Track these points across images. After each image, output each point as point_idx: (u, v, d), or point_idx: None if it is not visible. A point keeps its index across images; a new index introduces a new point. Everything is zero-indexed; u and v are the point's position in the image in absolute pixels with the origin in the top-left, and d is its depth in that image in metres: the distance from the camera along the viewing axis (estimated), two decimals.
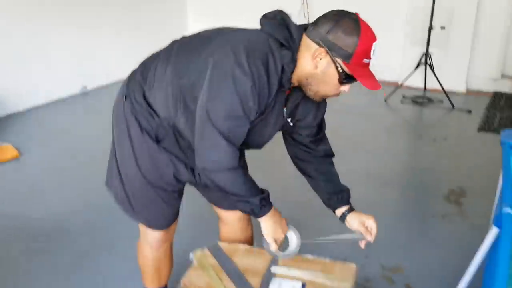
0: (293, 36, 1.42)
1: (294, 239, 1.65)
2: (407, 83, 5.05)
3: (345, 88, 1.47)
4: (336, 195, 1.78)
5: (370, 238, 1.74)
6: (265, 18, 1.47)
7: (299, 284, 1.57)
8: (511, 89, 5.24)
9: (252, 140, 1.55)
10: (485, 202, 2.49)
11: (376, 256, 2.43)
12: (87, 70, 5.17)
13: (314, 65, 1.42)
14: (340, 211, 1.78)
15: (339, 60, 1.39)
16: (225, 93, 1.37)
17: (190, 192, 1.81)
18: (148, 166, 1.62)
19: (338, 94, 1.50)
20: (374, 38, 1.39)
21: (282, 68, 1.41)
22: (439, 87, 4.88)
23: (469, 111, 4.66)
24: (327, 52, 1.38)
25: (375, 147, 3.89)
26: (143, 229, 1.79)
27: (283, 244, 1.62)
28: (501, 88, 5.28)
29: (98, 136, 4.05)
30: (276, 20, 1.45)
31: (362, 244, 1.78)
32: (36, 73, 4.66)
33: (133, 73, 1.65)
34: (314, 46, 1.40)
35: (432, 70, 4.88)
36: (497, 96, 5.14)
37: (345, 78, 1.42)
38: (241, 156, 1.54)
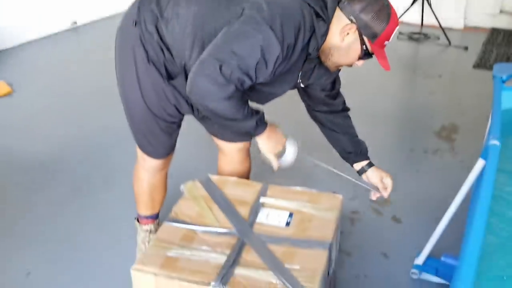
0: (327, 8, 1.48)
1: (291, 149, 1.68)
2: (403, 19, 4.95)
3: (360, 62, 1.59)
4: (355, 148, 1.89)
5: (386, 194, 1.86)
6: None
7: (286, 214, 1.62)
8: (509, 25, 5.16)
9: (259, 96, 1.63)
10: (476, 138, 2.51)
11: (365, 189, 2.48)
12: (77, 5, 5.04)
13: (341, 38, 1.50)
14: (359, 165, 1.89)
15: (365, 39, 1.49)
16: (249, 48, 1.39)
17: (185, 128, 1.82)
18: (151, 95, 1.63)
19: (350, 66, 1.63)
20: (397, 23, 1.51)
21: (310, 37, 1.47)
22: (436, 23, 4.79)
23: (466, 48, 4.60)
24: (358, 29, 1.48)
25: (368, 83, 3.87)
26: (141, 155, 1.82)
27: (281, 154, 1.66)
28: (499, 24, 5.19)
29: (90, 71, 4.02)
30: None
31: (374, 196, 1.89)
32: (25, 9, 4.54)
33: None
34: (345, 20, 1.48)
35: (430, 5, 4.78)
36: (494, 32, 5.06)
37: (365, 55, 1.54)
38: None
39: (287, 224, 1.58)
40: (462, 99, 3.60)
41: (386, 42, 1.52)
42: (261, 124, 1.54)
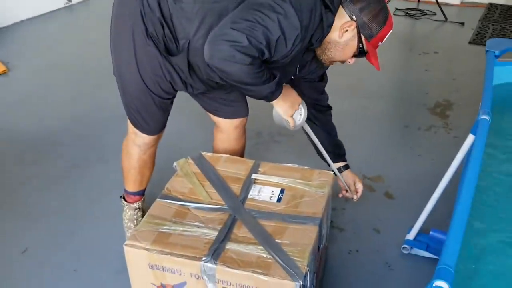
0: (334, 2, 1.54)
1: (303, 108, 1.76)
2: None
3: (352, 60, 1.68)
4: (333, 149, 1.99)
5: (356, 197, 2.05)
6: None
7: (278, 190, 1.64)
8: (507, 0, 5.11)
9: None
10: (471, 115, 2.51)
11: (358, 166, 2.50)
12: None
13: (340, 34, 1.58)
14: (336, 165, 2.00)
15: (363, 37, 1.59)
16: (272, 21, 1.41)
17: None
18: (147, 71, 1.63)
19: (343, 63, 1.71)
20: (392, 27, 1.61)
21: (317, 26, 1.51)
22: None
23: (462, 24, 4.58)
24: (357, 27, 1.56)
25: (363, 60, 3.84)
26: (133, 131, 1.82)
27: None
28: (495, 0, 5.15)
29: (85, 50, 4.00)
30: None
31: (344, 195, 2.09)
32: None
33: None
34: (346, 17, 1.56)
35: None
36: (491, 8, 5.02)
37: (359, 53, 1.63)
38: None
39: (279, 200, 1.60)
40: (457, 76, 3.59)
41: (379, 43, 1.63)
42: (278, 88, 1.57)
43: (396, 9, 4.90)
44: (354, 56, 1.65)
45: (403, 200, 2.30)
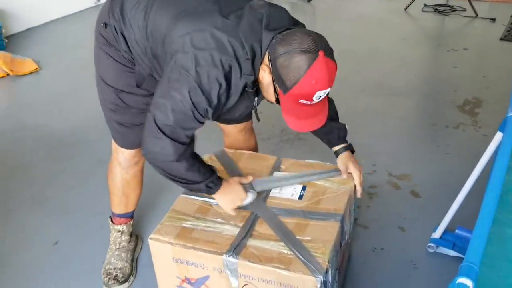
0: (262, 44, 1.34)
1: (250, 199, 1.58)
2: None
3: None
4: (332, 133, 1.74)
5: (345, 176, 1.69)
6: (250, 8, 1.39)
7: (300, 187, 1.64)
8: None
9: (222, 119, 1.62)
10: (500, 113, 2.46)
11: (384, 164, 2.49)
12: None
13: (261, 75, 1.38)
14: (336, 147, 1.75)
15: (277, 87, 1.34)
16: (178, 99, 1.34)
17: None
18: (125, 94, 1.62)
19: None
20: (322, 86, 1.28)
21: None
22: None
23: (493, 20, 4.47)
24: (270, 73, 1.34)
25: (391, 57, 3.82)
26: (115, 148, 1.79)
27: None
28: None
29: None
30: (256, 18, 1.36)
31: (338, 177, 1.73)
32: None
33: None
34: (266, 59, 1.35)
35: None
36: None
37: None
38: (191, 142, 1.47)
39: (300, 197, 1.60)
40: (487, 73, 3.52)
41: (303, 101, 1.30)
42: (213, 186, 1.51)
43: (425, 5, 4.83)
44: (279, 103, 1.40)
45: (430, 199, 2.27)
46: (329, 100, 1.65)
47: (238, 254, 1.38)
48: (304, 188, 1.64)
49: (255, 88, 1.44)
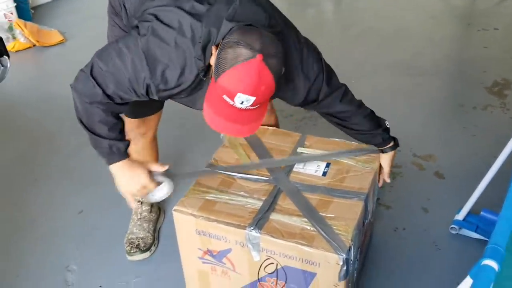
0: (220, 31, 1.27)
1: (163, 190, 1.54)
2: None
3: None
4: (375, 138, 1.67)
5: (388, 179, 1.76)
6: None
7: (324, 164, 1.63)
8: None
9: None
10: None
11: (409, 144, 2.45)
12: None
13: (212, 59, 1.31)
14: (381, 147, 1.70)
15: (213, 72, 1.26)
16: (123, 60, 1.36)
17: None
18: None
19: None
20: (245, 89, 1.17)
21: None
22: None
23: None
24: (215, 57, 1.25)
25: (418, 36, 3.73)
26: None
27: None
28: None
29: None
30: (225, 7, 1.31)
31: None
32: None
33: None
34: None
35: None
36: None
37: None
38: None
39: (324, 174, 1.60)
40: None
41: (226, 97, 1.20)
42: (116, 153, 1.48)
43: None
44: None
45: (454, 180, 2.24)
46: (364, 117, 1.61)
47: (260, 228, 1.39)
48: (328, 165, 1.63)
49: (206, 77, 1.37)
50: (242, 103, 1.19)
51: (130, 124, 1.76)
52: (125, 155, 1.50)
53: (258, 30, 1.23)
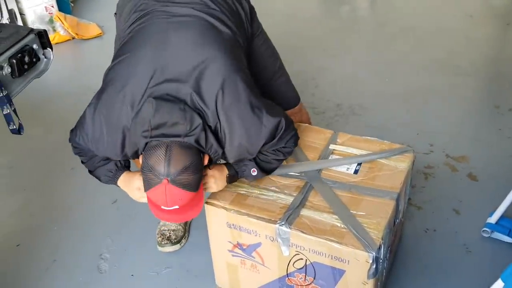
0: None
1: None
2: None
3: None
4: None
5: None
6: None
7: (356, 161, 1.63)
8: None
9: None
10: None
11: (442, 145, 2.43)
12: None
13: None
14: None
15: None
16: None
17: None
18: None
19: None
20: (162, 204, 1.34)
21: None
22: None
23: None
24: None
25: (455, 35, 3.66)
26: None
27: None
28: None
29: None
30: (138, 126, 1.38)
31: None
32: None
33: None
34: None
35: None
36: None
37: None
38: None
39: (356, 172, 1.60)
40: None
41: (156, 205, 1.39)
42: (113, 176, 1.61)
43: None
44: None
45: (487, 183, 2.21)
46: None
47: (291, 224, 1.41)
48: (359, 163, 1.63)
49: None
50: (170, 208, 1.34)
51: None
52: (120, 171, 1.60)
53: (164, 146, 1.30)
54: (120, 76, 1.43)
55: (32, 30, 1.46)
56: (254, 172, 1.51)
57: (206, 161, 1.39)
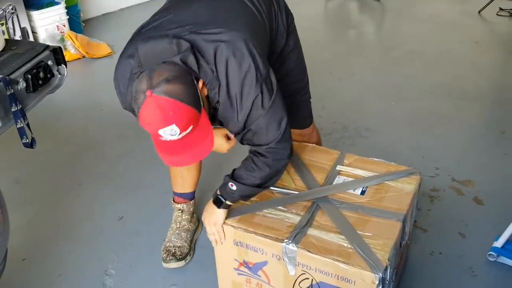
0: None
1: None
2: None
3: None
4: None
5: None
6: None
7: (362, 185, 1.64)
8: None
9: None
10: None
11: (448, 168, 2.44)
12: None
13: None
14: None
15: None
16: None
17: None
18: None
19: None
20: (158, 125, 1.21)
21: None
22: None
23: None
24: None
25: (461, 60, 3.70)
26: None
27: None
28: None
29: None
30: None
31: None
32: None
33: None
34: None
35: None
36: None
37: None
38: None
39: (362, 193, 1.61)
40: None
41: (155, 138, 1.28)
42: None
43: (500, 9, 4.63)
44: None
45: (493, 207, 2.21)
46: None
47: (298, 243, 1.41)
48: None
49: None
50: (171, 135, 1.22)
51: None
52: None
53: (148, 71, 1.25)
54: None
55: (47, 46, 1.50)
56: (233, 186, 1.48)
57: (200, 86, 1.31)
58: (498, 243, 1.91)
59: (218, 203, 1.52)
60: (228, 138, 1.55)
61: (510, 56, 3.89)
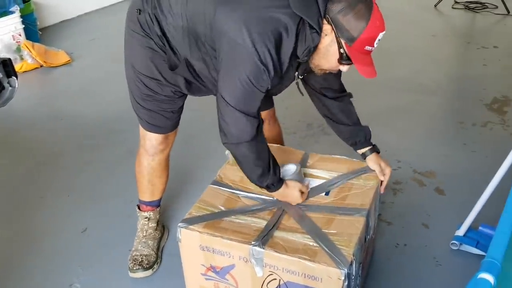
0: (321, 15, 1.40)
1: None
2: None
3: (344, 68, 1.50)
4: (359, 138, 1.80)
5: (382, 177, 1.74)
6: None
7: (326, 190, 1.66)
8: None
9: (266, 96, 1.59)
10: None
11: (409, 161, 2.49)
12: None
13: (320, 40, 1.44)
14: (362, 150, 1.81)
15: (342, 41, 1.41)
16: (239, 79, 1.41)
17: None
18: (155, 77, 1.67)
19: (337, 71, 1.59)
20: (382, 28, 1.42)
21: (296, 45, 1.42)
22: None
23: None
24: (333, 30, 1.40)
25: (419, 54, 3.79)
26: (142, 133, 1.84)
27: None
28: None
29: None
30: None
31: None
32: None
33: None
34: (324, 21, 1.41)
35: None
36: None
37: (345, 59, 1.45)
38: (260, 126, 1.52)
39: (327, 193, 1.63)
40: None
41: (368, 47, 1.42)
42: (275, 186, 1.56)
43: (456, 1, 4.76)
44: (341, 63, 1.47)
45: (454, 196, 2.27)
46: (351, 105, 1.82)
47: (264, 244, 1.42)
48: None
49: (306, 59, 1.49)
50: (378, 41, 1.43)
51: (155, 141, 1.82)
52: (281, 183, 1.58)
53: None
54: None
55: None
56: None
57: None
58: (460, 232, 1.96)
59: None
60: (302, 193, 1.60)
61: (466, 48, 4.01)
